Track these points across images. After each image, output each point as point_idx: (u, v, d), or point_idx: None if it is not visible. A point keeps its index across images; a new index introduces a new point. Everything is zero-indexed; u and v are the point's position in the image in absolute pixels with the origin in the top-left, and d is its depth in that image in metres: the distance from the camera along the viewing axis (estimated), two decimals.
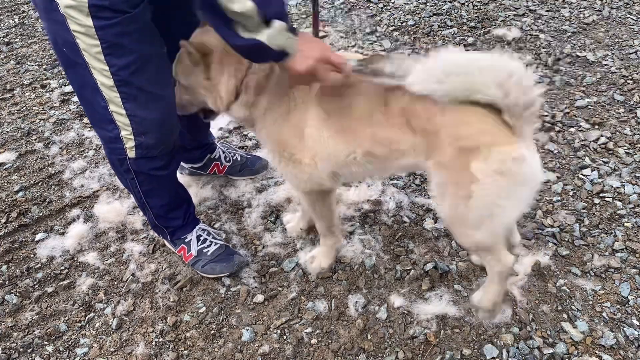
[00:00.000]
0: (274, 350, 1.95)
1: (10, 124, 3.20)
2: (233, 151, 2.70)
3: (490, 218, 1.60)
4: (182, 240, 2.26)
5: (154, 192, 2.08)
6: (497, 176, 1.50)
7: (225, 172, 2.68)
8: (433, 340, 1.93)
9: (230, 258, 2.23)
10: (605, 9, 3.87)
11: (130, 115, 1.76)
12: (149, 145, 1.87)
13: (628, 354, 1.87)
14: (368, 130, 1.68)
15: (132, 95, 1.72)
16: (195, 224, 2.29)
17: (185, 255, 2.26)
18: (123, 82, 1.68)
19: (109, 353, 1.99)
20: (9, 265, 2.35)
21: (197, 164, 2.63)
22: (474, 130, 1.52)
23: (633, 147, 2.72)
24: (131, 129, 1.80)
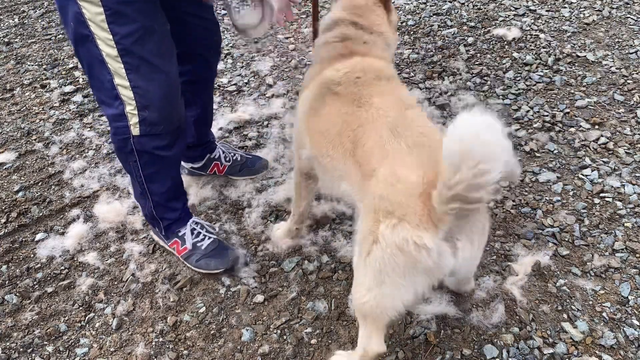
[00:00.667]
0: (274, 350, 1.95)
1: (10, 124, 3.19)
2: (233, 151, 2.71)
3: (380, 287, 1.52)
4: (175, 234, 2.26)
5: (156, 176, 2.09)
6: (396, 250, 1.44)
7: (225, 172, 2.68)
8: (433, 340, 1.93)
9: (224, 253, 2.23)
10: (605, 9, 3.87)
11: (133, 87, 1.82)
12: (153, 121, 1.90)
13: (628, 354, 1.87)
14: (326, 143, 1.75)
15: (135, 66, 1.78)
16: (189, 218, 2.30)
17: (179, 249, 2.26)
18: (126, 52, 1.75)
19: (109, 353, 1.99)
20: (9, 265, 2.35)
21: (197, 164, 2.63)
22: (395, 198, 1.45)
23: (633, 147, 2.72)
24: (135, 102, 1.84)
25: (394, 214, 1.44)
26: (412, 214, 1.42)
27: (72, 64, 3.72)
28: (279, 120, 3.05)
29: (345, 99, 1.73)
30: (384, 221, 1.46)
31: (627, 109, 2.97)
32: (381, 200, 1.48)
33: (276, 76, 3.44)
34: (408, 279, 1.48)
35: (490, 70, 3.34)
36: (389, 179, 1.49)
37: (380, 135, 1.58)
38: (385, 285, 1.51)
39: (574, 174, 2.59)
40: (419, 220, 1.41)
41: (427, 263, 1.43)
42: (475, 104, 3.06)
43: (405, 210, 1.43)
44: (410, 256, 1.43)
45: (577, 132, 2.84)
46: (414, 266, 1.45)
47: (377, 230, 1.47)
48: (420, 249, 1.41)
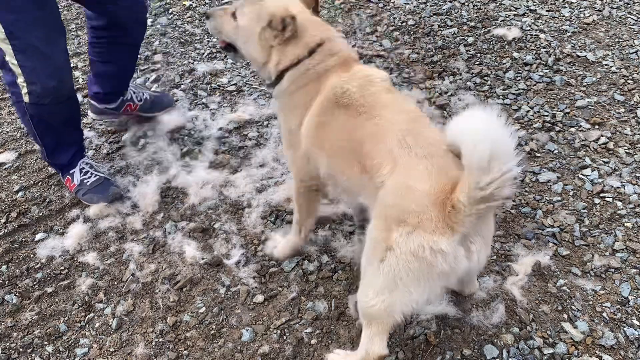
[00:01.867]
0: (274, 351, 1.95)
1: (10, 124, 3.19)
2: (142, 91, 3.00)
3: (392, 292, 1.55)
4: (69, 172, 2.59)
5: (47, 131, 2.44)
6: (411, 257, 1.47)
7: (138, 110, 2.97)
8: (433, 340, 1.93)
9: (106, 189, 2.54)
10: (605, 9, 3.86)
11: (21, 66, 2.12)
12: (39, 94, 2.20)
13: (628, 354, 1.87)
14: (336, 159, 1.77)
15: (22, 49, 2.08)
16: (80, 159, 2.61)
17: (70, 185, 2.59)
18: (13, 36, 2.05)
19: (108, 353, 1.99)
20: (8, 265, 2.35)
21: (111, 105, 2.89)
22: (405, 206, 1.49)
23: (633, 147, 2.72)
24: (23, 77, 2.15)
25: (407, 222, 1.47)
26: (427, 221, 1.45)
27: (72, 64, 3.72)
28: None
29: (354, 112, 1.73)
30: (398, 229, 1.48)
31: (627, 109, 2.97)
32: (392, 208, 1.52)
33: None
34: (422, 284, 1.51)
35: (490, 70, 3.33)
36: (399, 188, 1.52)
37: (390, 147, 1.59)
38: (398, 290, 1.54)
39: (574, 174, 2.59)
40: (435, 226, 1.44)
41: (443, 268, 1.46)
42: (475, 104, 3.06)
43: (420, 218, 1.46)
44: (425, 262, 1.46)
45: (577, 132, 2.83)
46: (430, 271, 1.48)
47: (391, 238, 1.50)
48: (436, 254, 1.45)
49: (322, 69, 1.84)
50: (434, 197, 1.46)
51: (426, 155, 1.55)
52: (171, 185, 2.67)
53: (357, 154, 1.69)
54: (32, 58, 2.11)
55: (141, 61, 3.54)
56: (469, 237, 1.48)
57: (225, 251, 2.32)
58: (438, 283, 1.52)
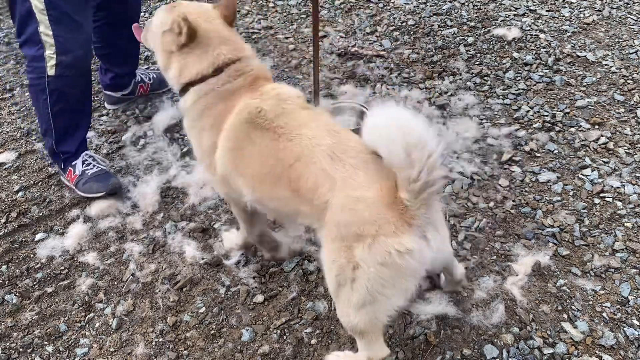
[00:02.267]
0: (274, 351, 1.95)
1: (10, 124, 3.19)
2: (148, 72, 3.24)
3: (373, 304, 1.54)
4: (71, 164, 2.63)
5: (62, 112, 2.50)
6: (380, 267, 1.45)
7: (150, 89, 3.20)
8: (433, 340, 1.93)
9: (107, 180, 2.57)
10: (605, 9, 3.87)
11: (55, 36, 2.26)
12: (68, 65, 2.34)
13: (628, 354, 1.87)
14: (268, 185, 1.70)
15: (57, 19, 2.23)
16: (83, 151, 2.67)
17: (71, 177, 2.62)
18: (52, 6, 2.20)
19: (108, 353, 1.99)
20: (8, 265, 2.35)
21: (127, 90, 3.12)
22: (359, 218, 1.46)
23: (633, 147, 2.72)
24: (55, 48, 2.28)
25: (365, 234, 1.44)
26: (385, 225, 1.43)
27: None
28: None
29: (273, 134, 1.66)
30: (358, 245, 1.46)
31: (627, 109, 2.97)
32: (346, 227, 1.48)
33: (276, 76, 3.43)
34: (398, 287, 1.51)
35: (490, 70, 3.34)
36: (347, 204, 1.48)
37: (322, 166, 1.54)
38: (377, 302, 1.53)
39: (574, 174, 2.59)
40: (394, 227, 1.43)
41: (413, 265, 1.46)
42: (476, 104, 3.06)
43: (377, 224, 1.44)
44: (395, 266, 1.45)
45: (577, 132, 2.83)
46: (402, 273, 1.47)
47: (355, 256, 1.47)
48: (403, 255, 1.43)
49: (230, 89, 1.79)
50: (385, 200, 1.45)
51: (361, 164, 1.52)
52: (171, 185, 2.67)
53: (286, 178, 1.62)
54: (67, 28, 2.26)
55: (142, 61, 3.54)
56: (428, 227, 1.48)
57: (225, 251, 2.32)
58: (412, 281, 1.52)
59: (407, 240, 1.43)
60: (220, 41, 1.82)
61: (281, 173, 1.63)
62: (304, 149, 1.59)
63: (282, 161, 1.63)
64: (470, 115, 2.99)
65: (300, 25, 3.99)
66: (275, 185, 1.66)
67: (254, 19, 4.09)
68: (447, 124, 2.94)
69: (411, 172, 1.36)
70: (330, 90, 3.26)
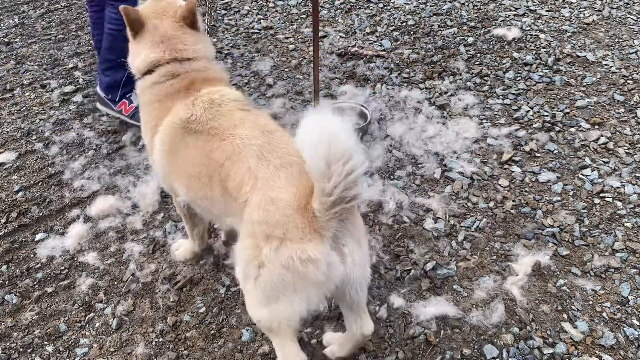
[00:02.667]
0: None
1: (10, 124, 3.19)
2: None
3: (275, 303, 1.51)
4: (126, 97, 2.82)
5: None
6: (283, 270, 1.43)
7: None
8: (433, 340, 1.93)
9: None
10: (605, 9, 3.87)
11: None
12: None
13: (628, 354, 1.87)
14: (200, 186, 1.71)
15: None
16: None
17: (126, 109, 2.84)
18: None
19: (109, 353, 1.99)
20: (9, 265, 2.35)
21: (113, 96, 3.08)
22: (270, 219, 1.45)
23: (633, 147, 2.72)
24: None
25: (274, 235, 1.43)
26: (293, 230, 1.41)
27: (72, 64, 3.72)
28: (279, 120, 3.05)
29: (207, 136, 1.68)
30: (266, 245, 1.45)
31: (627, 109, 2.97)
32: (258, 225, 1.47)
33: (276, 76, 3.44)
34: (300, 295, 1.47)
35: (490, 70, 3.34)
36: (262, 203, 1.48)
37: (248, 164, 1.55)
38: (279, 303, 1.50)
39: (574, 174, 2.59)
40: (301, 234, 1.40)
41: (317, 276, 1.41)
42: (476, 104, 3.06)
43: (286, 228, 1.42)
44: (298, 273, 1.42)
45: (577, 132, 2.84)
46: (304, 282, 1.43)
47: (262, 254, 1.46)
48: (306, 263, 1.40)
49: (165, 91, 1.82)
50: (297, 205, 1.42)
51: (285, 165, 1.51)
52: None
53: (217, 177, 1.63)
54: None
55: None
56: (340, 240, 1.44)
57: (225, 251, 2.32)
58: (315, 291, 1.46)
59: (313, 250, 1.39)
60: (160, 39, 1.86)
61: (213, 172, 1.65)
62: (234, 148, 1.60)
63: (213, 160, 1.64)
64: (470, 115, 2.99)
65: (300, 25, 3.99)
66: (207, 185, 1.68)
67: (254, 19, 4.09)
68: (447, 124, 2.94)
69: (326, 185, 1.32)
70: (330, 90, 3.26)
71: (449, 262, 2.21)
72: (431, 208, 2.46)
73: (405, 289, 2.12)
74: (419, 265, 2.20)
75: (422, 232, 2.36)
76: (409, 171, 2.67)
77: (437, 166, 2.68)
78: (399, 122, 2.96)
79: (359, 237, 1.50)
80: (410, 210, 2.46)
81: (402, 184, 2.59)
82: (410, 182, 2.61)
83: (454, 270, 2.18)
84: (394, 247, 2.29)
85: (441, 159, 2.72)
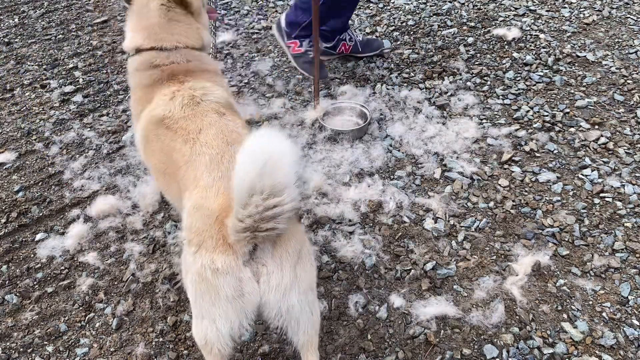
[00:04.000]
0: (274, 350, 1.95)
1: (10, 124, 3.20)
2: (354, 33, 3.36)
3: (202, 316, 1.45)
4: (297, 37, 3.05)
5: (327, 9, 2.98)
6: (198, 277, 1.39)
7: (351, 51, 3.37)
8: (433, 340, 1.93)
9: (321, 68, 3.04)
10: (605, 9, 3.87)
11: None
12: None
13: (628, 354, 1.87)
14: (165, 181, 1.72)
15: None
16: None
17: (294, 49, 3.13)
18: None
19: (109, 353, 1.99)
20: (9, 265, 2.35)
21: (328, 44, 3.30)
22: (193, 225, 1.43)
23: (633, 147, 2.72)
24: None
25: (193, 242, 1.42)
26: (208, 239, 1.38)
27: (72, 64, 3.72)
28: (279, 120, 3.05)
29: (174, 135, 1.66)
30: (188, 250, 1.43)
31: (627, 109, 2.98)
32: (186, 231, 1.46)
33: (276, 76, 3.44)
34: (218, 308, 1.40)
35: (490, 70, 3.34)
36: (191, 209, 1.47)
37: (198, 171, 1.53)
38: (203, 316, 1.45)
39: (574, 174, 2.59)
40: (215, 244, 1.36)
41: (227, 290, 1.36)
42: (476, 104, 3.06)
43: (203, 237, 1.39)
44: (209, 283, 1.37)
45: (577, 132, 2.84)
46: (217, 294, 1.38)
47: (186, 261, 1.45)
48: (216, 274, 1.35)
49: (147, 80, 1.79)
50: (218, 215, 1.38)
51: (226, 176, 1.48)
52: None
53: (175, 176, 1.63)
54: None
55: None
56: (260, 260, 1.37)
57: None
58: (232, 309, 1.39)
59: (221, 261, 1.35)
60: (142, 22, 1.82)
61: (173, 171, 1.64)
62: (192, 153, 1.58)
63: (175, 162, 1.63)
64: (470, 115, 2.99)
65: None
66: (169, 182, 1.69)
67: (254, 19, 4.09)
68: (447, 124, 2.94)
69: (240, 210, 1.25)
70: (330, 90, 3.26)
71: (449, 262, 2.21)
72: (431, 208, 2.46)
73: (405, 289, 2.12)
74: (419, 265, 2.20)
75: (422, 232, 2.36)
76: (409, 171, 2.67)
77: (437, 166, 2.68)
78: (399, 122, 2.96)
79: (284, 261, 1.39)
80: (410, 210, 2.46)
81: (402, 184, 2.59)
82: (410, 182, 2.61)
83: (454, 270, 2.18)
84: (394, 247, 2.29)
85: (441, 159, 2.73)
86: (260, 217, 1.25)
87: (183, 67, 1.81)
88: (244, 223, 1.27)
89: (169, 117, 1.69)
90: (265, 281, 1.38)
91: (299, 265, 1.43)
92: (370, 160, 2.74)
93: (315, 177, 2.63)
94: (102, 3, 4.59)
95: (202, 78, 1.81)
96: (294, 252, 1.42)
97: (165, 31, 1.81)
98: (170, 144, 1.66)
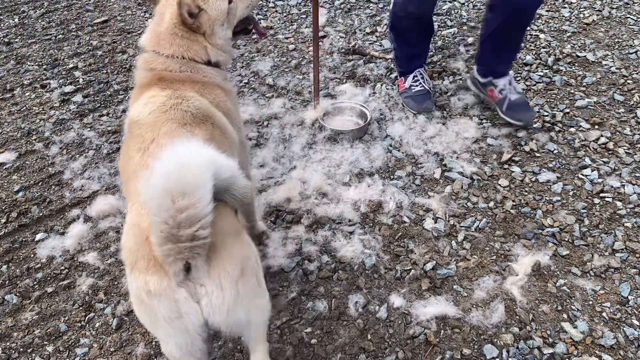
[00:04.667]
0: (274, 350, 1.95)
1: (10, 124, 3.20)
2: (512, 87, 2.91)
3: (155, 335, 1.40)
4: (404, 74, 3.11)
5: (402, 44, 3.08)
6: (136, 299, 1.35)
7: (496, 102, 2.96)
8: (433, 340, 1.93)
9: (423, 101, 2.99)
10: (605, 9, 3.87)
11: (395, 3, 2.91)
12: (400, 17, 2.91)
13: (628, 354, 1.87)
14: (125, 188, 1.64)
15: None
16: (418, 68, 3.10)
17: (401, 85, 3.12)
18: None
19: (109, 353, 1.99)
20: (9, 265, 2.35)
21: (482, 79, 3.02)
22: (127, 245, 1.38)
23: (633, 147, 2.72)
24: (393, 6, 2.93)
25: (128, 262, 1.36)
26: (141, 259, 1.31)
27: (72, 64, 3.72)
28: (279, 120, 3.05)
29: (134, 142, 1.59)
30: (126, 271, 1.38)
31: (627, 109, 2.98)
32: (122, 249, 1.41)
33: (276, 76, 3.44)
34: (160, 329, 1.36)
35: None
36: (126, 227, 1.42)
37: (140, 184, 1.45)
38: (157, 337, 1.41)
39: (574, 174, 2.59)
40: (147, 264, 1.30)
41: (164, 312, 1.30)
42: (476, 104, 3.06)
43: (136, 256, 1.33)
44: (146, 305, 1.33)
45: (577, 132, 2.84)
46: (155, 315, 1.33)
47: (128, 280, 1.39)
48: (151, 296, 1.30)
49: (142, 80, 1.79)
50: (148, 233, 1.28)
51: None
52: None
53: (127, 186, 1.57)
54: None
55: None
56: (197, 280, 1.30)
57: None
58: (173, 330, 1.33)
59: (153, 283, 1.28)
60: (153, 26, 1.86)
61: (127, 179, 1.58)
62: (138, 166, 1.52)
63: (127, 170, 1.58)
64: (470, 115, 2.99)
65: (300, 25, 3.99)
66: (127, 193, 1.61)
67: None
68: (447, 124, 2.94)
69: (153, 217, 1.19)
70: (330, 90, 3.26)
71: (449, 262, 2.21)
72: (431, 208, 2.46)
73: (405, 289, 2.12)
74: (419, 265, 2.20)
75: (422, 232, 2.36)
76: (409, 171, 2.67)
77: (437, 166, 2.68)
78: (398, 122, 2.96)
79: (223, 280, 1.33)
80: (410, 210, 2.46)
81: (402, 184, 2.59)
82: (410, 182, 2.61)
83: (454, 270, 2.18)
84: (394, 247, 2.29)
85: (441, 159, 2.73)
86: (175, 223, 1.18)
87: (174, 75, 1.80)
88: (163, 233, 1.20)
89: (136, 122, 1.63)
90: (207, 303, 1.32)
91: (241, 281, 1.36)
92: (370, 160, 2.75)
93: (315, 177, 2.63)
94: (102, 3, 4.59)
95: (191, 89, 1.77)
96: (234, 269, 1.35)
97: (167, 40, 1.83)
98: (129, 150, 1.59)
